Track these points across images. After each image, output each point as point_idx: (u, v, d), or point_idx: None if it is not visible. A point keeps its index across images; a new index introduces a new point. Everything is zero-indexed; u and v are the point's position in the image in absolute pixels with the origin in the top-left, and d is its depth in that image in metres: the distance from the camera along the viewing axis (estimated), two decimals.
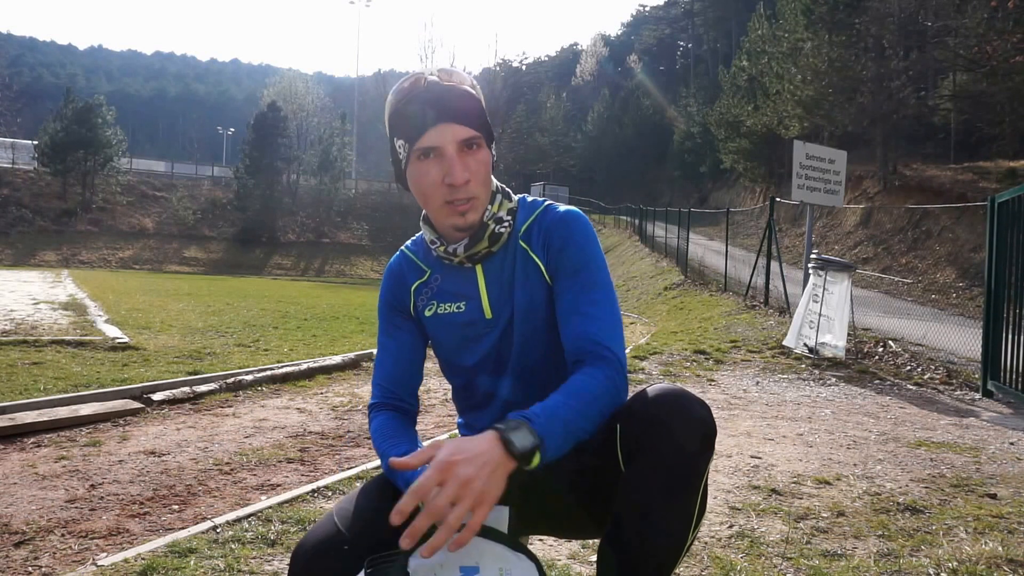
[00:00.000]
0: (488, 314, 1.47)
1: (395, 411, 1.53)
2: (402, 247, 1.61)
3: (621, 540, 1.21)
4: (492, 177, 1.45)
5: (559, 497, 1.37)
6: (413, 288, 1.53)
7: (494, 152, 1.44)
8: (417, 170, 1.37)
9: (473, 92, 1.39)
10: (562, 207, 1.51)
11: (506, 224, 1.45)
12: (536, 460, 1.13)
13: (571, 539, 2.40)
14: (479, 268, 1.48)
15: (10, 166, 43.05)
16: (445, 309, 1.49)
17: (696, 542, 2.55)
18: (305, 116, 60.69)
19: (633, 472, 1.21)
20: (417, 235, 1.61)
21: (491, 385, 1.50)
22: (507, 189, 1.51)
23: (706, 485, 1.23)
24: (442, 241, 1.46)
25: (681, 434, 1.17)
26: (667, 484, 1.17)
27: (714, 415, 1.22)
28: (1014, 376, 5.68)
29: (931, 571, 2.33)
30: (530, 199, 1.53)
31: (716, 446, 4.16)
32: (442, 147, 1.33)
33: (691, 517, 1.20)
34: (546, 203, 1.52)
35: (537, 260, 1.45)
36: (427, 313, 1.51)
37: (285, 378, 6.07)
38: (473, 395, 1.54)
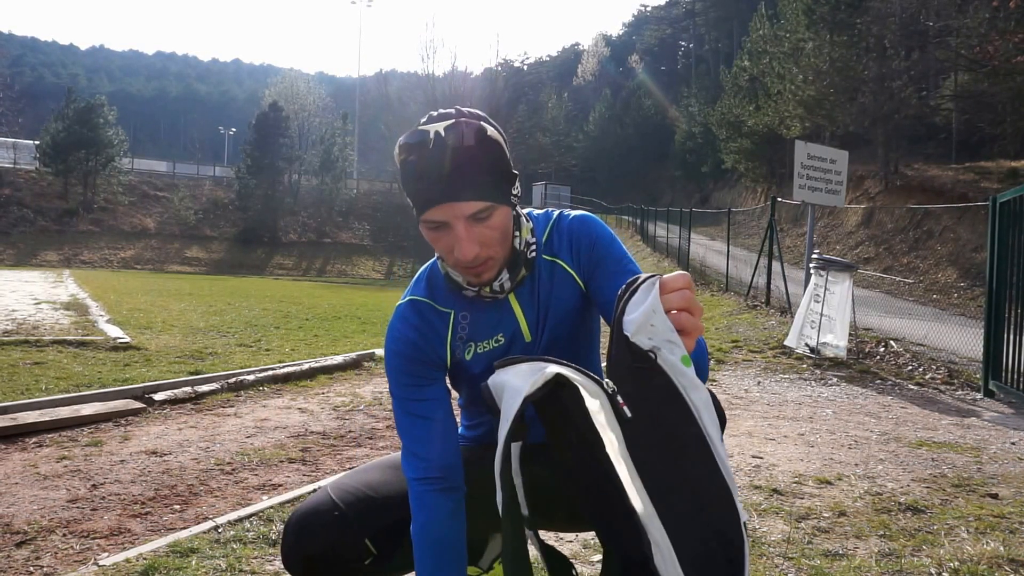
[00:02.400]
0: (528, 338, 1.44)
1: (449, 494, 1.38)
2: (409, 298, 1.47)
3: None
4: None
5: (560, 491, 1.36)
6: (449, 338, 1.43)
7: (517, 189, 1.34)
8: (427, 234, 1.30)
9: (484, 143, 1.25)
10: (573, 213, 1.49)
11: (533, 244, 1.42)
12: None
13: (575, 532, 2.42)
14: (511, 296, 1.43)
15: (12, 166, 43.05)
16: (484, 347, 1.43)
17: None
18: (307, 116, 60.70)
19: None
20: (420, 278, 1.49)
21: None
22: (520, 211, 1.44)
23: None
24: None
25: None
26: None
27: None
28: (1015, 376, 5.67)
29: (932, 571, 2.33)
30: (536, 212, 1.50)
31: None
32: (449, 222, 1.26)
33: None
34: (555, 212, 1.49)
35: (568, 268, 1.44)
36: (467, 357, 1.43)
37: (287, 378, 6.08)
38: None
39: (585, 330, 1.47)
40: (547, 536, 2.32)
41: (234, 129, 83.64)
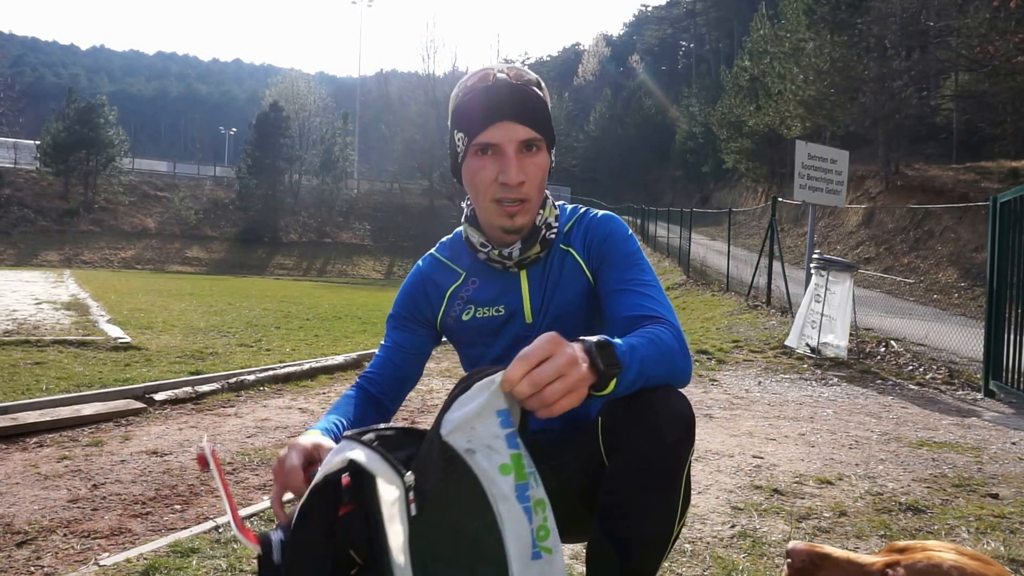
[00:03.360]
0: (529, 319, 1.46)
1: (369, 396, 1.52)
2: (431, 252, 1.58)
3: (607, 535, 1.21)
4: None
5: (552, 500, 1.35)
6: (449, 293, 1.51)
7: (554, 157, 1.42)
8: (473, 164, 1.36)
9: (540, 93, 1.37)
10: (600, 211, 1.52)
11: (554, 229, 1.46)
12: (611, 387, 1.10)
13: (565, 543, 2.37)
14: (523, 273, 1.47)
15: (12, 166, 43.11)
16: (484, 313, 1.47)
17: (698, 542, 2.55)
18: (307, 116, 60.73)
19: (615, 466, 1.21)
20: (447, 238, 1.58)
21: None
22: (549, 194, 1.50)
23: (689, 476, 1.23)
24: (494, 245, 1.44)
25: (660, 426, 1.17)
26: (648, 476, 1.17)
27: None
28: (1016, 376, 5.68)
29: None
30: (569, 206, 1.54)
31: (719, 446, 4.13)
32: (501, 145, 1.32)
33: (675, 508, 1.20)
34: (583, 208, 1.53)
35: (578, 258, 1.46)
36: (464, 318, 1.49)
37: (287, 378, 6.07)
38: None
39: (592, 322, 1.47)
40: None
41: (235, 129, 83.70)
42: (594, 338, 1.09)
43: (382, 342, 1.57)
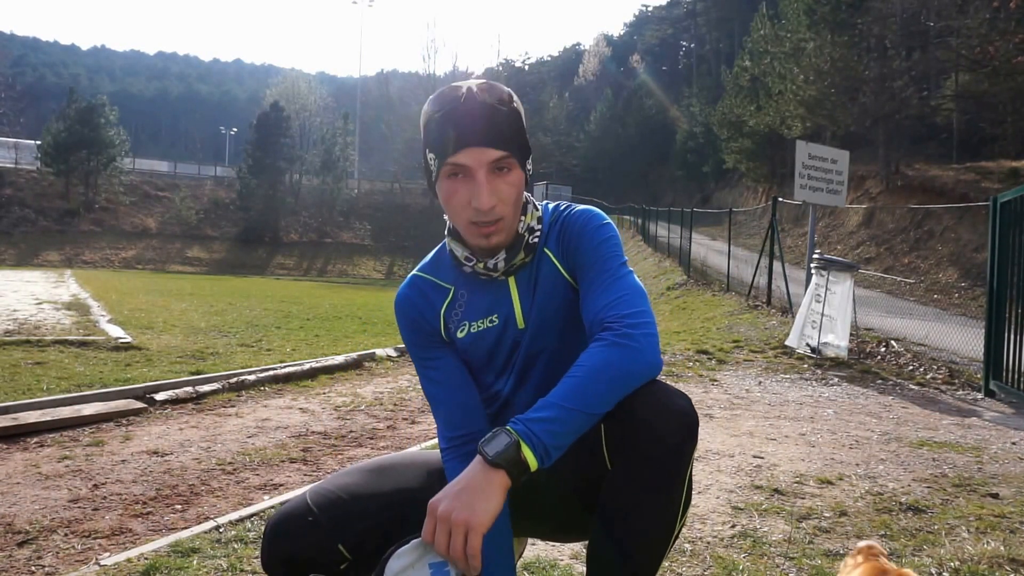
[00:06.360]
0: (520, 324, 1.44)
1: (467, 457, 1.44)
2: (414, 272, 1.53)
3: (609, 537, 1.22)
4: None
5: (551, 502, 1.36)
6: (443, 311, 1.47)
7: (530, 166, 1.40)
8: (446, 187, 1.34)
9: (511, 108, 1.34)
10: (579, 207, 1.49)
11: (537, 233, 1.44)
12: (531, 460, 1.14)
13: (565, 542, 2.37)
14: (512, 280, 1.45)
15: (13, 166, 43.18)
16: (478, 326, 1.45)
17: (698, 542, 2.55)
18: (308, 116, 60.82)
19: (618, 469, 1.21)
20: (428, 257, 1.55)
21: (511, 394, 1.47)
22: (532, 198, 1.47)
23: (691, 476, 1.24)
24: (479, 258, 1.41)
25: (662, 427, 1.17)
26: (651, 478, 1.18)
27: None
28: (1016, 376, 5.67)
29: (933, 571, 2.33)
30: (552, 205, 1.52)
31: (719, 446, 4.13)
32: (472, 168, 1.30)
33: (677, 508, 1.22)
34: (564, 206, 1.50)
35: (554, 260, 1.44)
36: (459, 335, 1.46)
37: (288, 378, 6.08)
38: (490, 405, 1.50)
39: (576, 322, 1.43)
40: (542, 543, 2.32)
41: (235, 129, 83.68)
42: (489, 433, 1.17)
43: (429, 391, 1.48)
